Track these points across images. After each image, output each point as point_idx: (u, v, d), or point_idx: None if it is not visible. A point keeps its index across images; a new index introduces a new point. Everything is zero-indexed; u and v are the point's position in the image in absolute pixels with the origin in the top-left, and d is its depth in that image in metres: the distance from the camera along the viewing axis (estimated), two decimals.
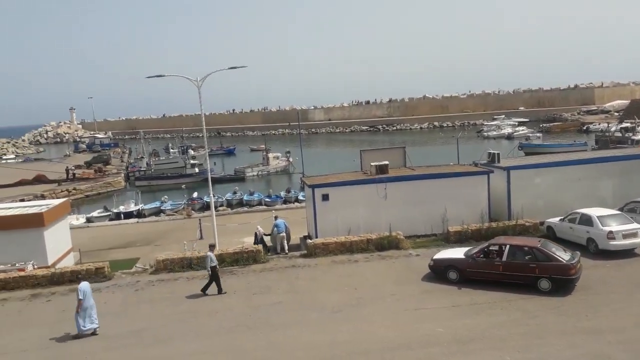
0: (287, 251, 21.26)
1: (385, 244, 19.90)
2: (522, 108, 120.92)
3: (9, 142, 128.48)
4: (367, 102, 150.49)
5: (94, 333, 13.78)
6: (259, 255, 19.61)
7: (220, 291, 16.17)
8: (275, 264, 19.33)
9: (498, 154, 23.99)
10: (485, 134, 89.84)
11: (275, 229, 21.90)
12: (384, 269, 17.79)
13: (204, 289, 16.29)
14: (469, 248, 17.00)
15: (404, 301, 14.78)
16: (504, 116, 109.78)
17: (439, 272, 16.25)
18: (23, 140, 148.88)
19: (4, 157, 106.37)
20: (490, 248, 15.90)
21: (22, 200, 38.53)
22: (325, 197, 21.28)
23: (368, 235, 20.30)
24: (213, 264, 16.25)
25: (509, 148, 57.22)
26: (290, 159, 63.89)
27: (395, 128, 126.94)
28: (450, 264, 16.04)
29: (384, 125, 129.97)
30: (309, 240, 20.86)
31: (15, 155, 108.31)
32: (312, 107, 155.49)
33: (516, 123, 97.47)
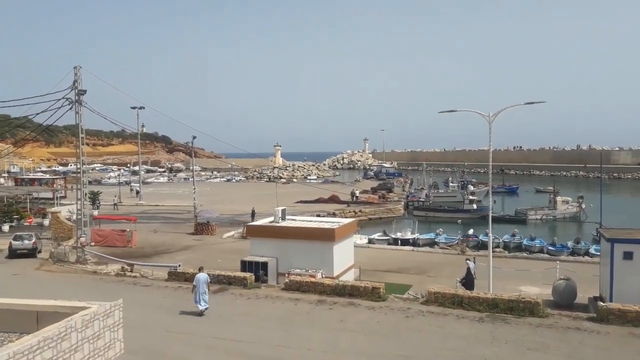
0: None
1: None
2: None
3: (313, 165, 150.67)
4: None
5: (201, 313, 17.90)
6: (537, 308, 17.81)
7: None
8: (556, 321, 17.22)
9: None
10: None
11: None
12: None
13: None
14: None
15: None
16: None
17: None
18: (324, 165, 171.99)
19: (309, 177, 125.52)
20: None
21: (318, 215, 44.38)
22: (627, 256, 17.99)
23: None
24: None
25: None
26: (583, 206, 56.80)
27: None
28: None
29: None
30: (600, 303, 17.92)
31: (317, 177, 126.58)
32: (617, 149, 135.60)
33: None
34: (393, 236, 41.45)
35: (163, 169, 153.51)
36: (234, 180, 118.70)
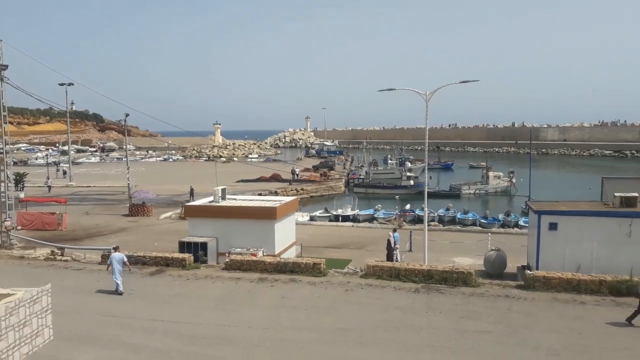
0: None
1: (622, 290, 16.90)
2: None
3: (255, 144, 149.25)
4: (614, 124, 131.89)
5: (120, 292, 17.76)
6: (469, 278, 18.62)
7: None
8: (487, 290, 18.09)
9: None
10: None
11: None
12: (618, 318, 15.10)
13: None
14: None
15: None
16: None
17: None
18: (266, 143, 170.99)
19: (250, 156, 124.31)
20: None
21: (260, 194, 44.13)
22: (552, 226, 19.11)
23: (602, 276, 17.53)
24: None
25: None
26: (513, 180, 59.78)
27: None
28: None
29: (634, 152, 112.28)
30: (527, 271, 18.99)
31: (259, 155, 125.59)
32: (545, 126, 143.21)
33: None
34: (334, 213, 42.00)
35: (95, 149, 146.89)
36: (170, 160, 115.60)
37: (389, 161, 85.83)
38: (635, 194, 19.39)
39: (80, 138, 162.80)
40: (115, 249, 19.21)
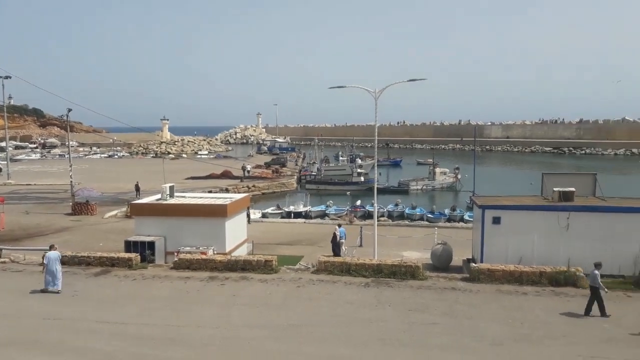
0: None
1: (561, 280, 17.85)
2: None
3: (204, 140, 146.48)
4: (554, 122, 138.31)
5: (50, 291, 17.32)
6: (417, 272, 19.10)
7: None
8: (434, 282, 18.62)
9: None
10: None
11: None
12: (556, 307, 15.94)
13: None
14: None
15: (579, 346, 13.01)
16: None
17: None
18: (216, 139, 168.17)
19: (200, 152, 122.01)
20: None
21: (210, 191, 43.46)
22: (496, 220, 19.89)
23: (542, 267, 18.42)
24: None
25: None
26: (459, 176, 61.60)
27: (584, 152, 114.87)
28: None
29: (571, 148, 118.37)
30: (472, 264, 19.69)
31: (208, 152, 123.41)
32: (489, 123, 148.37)
33: None
34: (286, 210, 41.92)
35: (35, 145, 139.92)
36: (116, 157, 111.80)
37: (340, 158, 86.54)
38: (573, 189, 20.46)
39: (19, 134, 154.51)
40: (51, 247, 18.52)
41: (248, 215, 35.76)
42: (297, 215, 40.91)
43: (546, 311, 15.56)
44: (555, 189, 20.58)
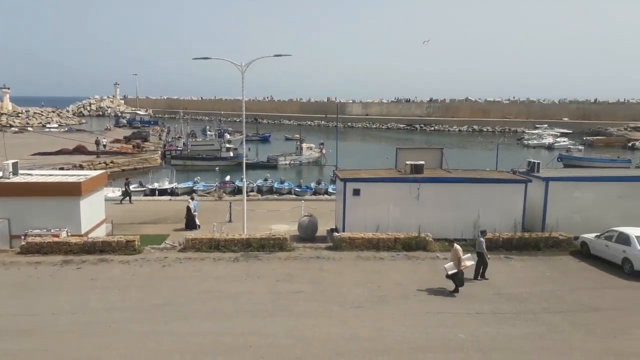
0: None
1: (413, 245, 19.69)
2: (566, 119, 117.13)
3: (54, 112, 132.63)
4: (407, 100, 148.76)
5: None
6: (285, 243, 19.69)
7: None
8: (301, 253, 19.38)
9: (538, 163, 23.37)
10: (525, 142, 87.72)
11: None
12: (409, 269, 17.62)
13: None
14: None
15: (427, 303, 14.61)
16: (546, 125, 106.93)
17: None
18: (67, 111, 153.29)
19: (49, 125, 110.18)
20: None
21: (62, 168, 39.77)
22: (356, 192, 21.18)
23: (396, 234, 20.12)
24: None
25: (549, 158, 55.76)
26: (324, 151, 63.85)
27: (433, 128, 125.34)
28: None
29: (422, 125, 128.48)
30: (335, 234, 20.83)
31: (59, 125, 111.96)
32: (351, 101, 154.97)
33: (558, 134, 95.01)
34: (150, 187, 39.99)
35: None
36: None
37: (208, 132, 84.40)
38: (422, 162, 22.46)
39: None
40: None
41: (129, 194, 33.58)
42: (163, 192, 39.26)
43: (400, 273, 17.12)
44: (407, 162, 22.42)
